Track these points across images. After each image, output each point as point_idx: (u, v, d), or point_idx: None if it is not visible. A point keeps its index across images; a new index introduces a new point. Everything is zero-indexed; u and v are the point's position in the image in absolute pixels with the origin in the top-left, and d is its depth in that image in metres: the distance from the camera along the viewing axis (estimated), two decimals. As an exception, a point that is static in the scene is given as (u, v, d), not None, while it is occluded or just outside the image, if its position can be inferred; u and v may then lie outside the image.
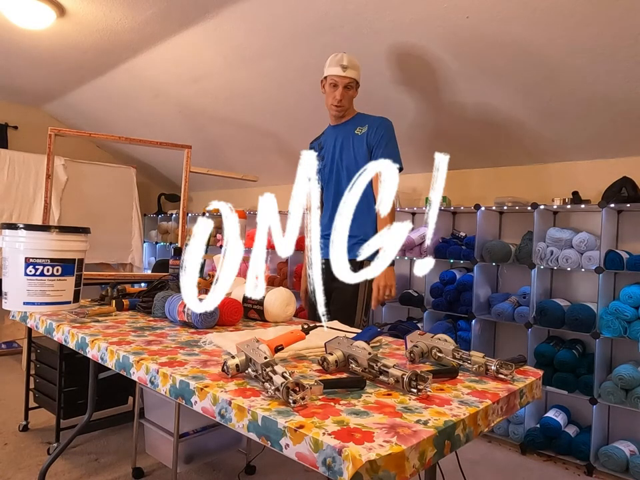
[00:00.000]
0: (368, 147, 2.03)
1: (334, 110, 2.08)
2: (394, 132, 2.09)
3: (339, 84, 2.02)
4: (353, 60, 2.06)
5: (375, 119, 2.09)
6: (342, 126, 2.14)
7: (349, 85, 2.03)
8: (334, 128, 2.17)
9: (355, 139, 2.08)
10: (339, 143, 2.12)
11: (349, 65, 2.02)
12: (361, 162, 2.00)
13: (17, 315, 1.63)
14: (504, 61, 2.31)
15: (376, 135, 2.03)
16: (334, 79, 2.02)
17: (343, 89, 2.02)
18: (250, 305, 1.62)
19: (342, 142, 2.11)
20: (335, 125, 2.16)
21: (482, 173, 3.18)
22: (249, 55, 2.94)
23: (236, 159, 4.42)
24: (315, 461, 0.69)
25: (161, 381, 1.00)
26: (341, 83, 2.02)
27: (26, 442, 2.51)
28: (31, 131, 4.76)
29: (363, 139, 2.05)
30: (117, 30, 2.94)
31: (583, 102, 2.39)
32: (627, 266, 2.35)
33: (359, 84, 2.09)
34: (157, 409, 2.16)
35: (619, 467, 2.32)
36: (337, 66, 2.02)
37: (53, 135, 2.62)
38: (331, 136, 2.17)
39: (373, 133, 2.04)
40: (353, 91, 2.07)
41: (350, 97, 2.07)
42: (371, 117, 2.11)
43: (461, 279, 2.95)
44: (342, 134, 2.12)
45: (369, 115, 2.13)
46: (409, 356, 1.12)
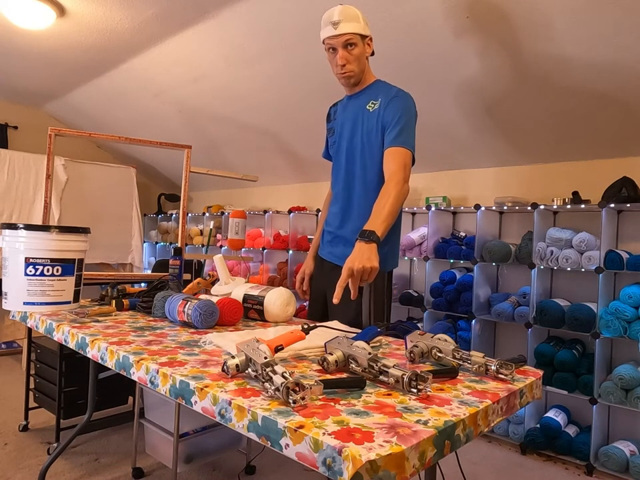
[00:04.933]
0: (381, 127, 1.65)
1: (342, 79, 1.70)
2: (413, 109, 1.66)
3: (336, 46, 1.63)
4: (347, 10, 1.62)
5: (389, 90, 1.68)
6: (355, 98, 1.75)
7: (349, 42, 1.62)
8: (348, 99, 1.79)
9: (365, 116, 1.69)
10: (350, 119, 1.75)
11: (341, 18, 1.60)
12: (374, 146, 1.66)
13: (17, 314, 1.63)
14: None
15: (387, 111, 1.63)
16: (329, 42, 1.64)
17: (343, 51, 1.63)
18: (250, 305, 1.62)
19: (353, 118, 1.73)
20: (349, 96, 1.78)
21: (482, 173, 3.19)
22: (248, 55, 2.94)
23: (236, 159, 4.42)
24: (315, 461, 0.69)
25: (160, 381, 1.00)
26: (338, 44, 1.62)
27: (26, 442, 2.51)
28: (31, 131, 4.76)
29: (374, 117, 1.66)
30: (117, 30, 2.94)
31: (584, 102, 2.40)
32: (627, 266, 2.35)
33: (366, 36, 1.66)
34: (157, 409, 2.16)
35: (619, 467, 2.32)
36: (328, 25, 1.63)
37: (53, 135, 2.62)
38: (345, 107, 1.80)
39: (384, 108, 1.64)
40: (358, 48, 1.64)
41: (357, 57, 1.64)
42: (386, 88, 1.69)
43: (461, 279, 2.95)
44: (353, 108, 1.75)
45: (386, 85, 1.71)
46: (408, 356, 1.12)
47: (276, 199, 4.55)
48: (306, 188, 4.28)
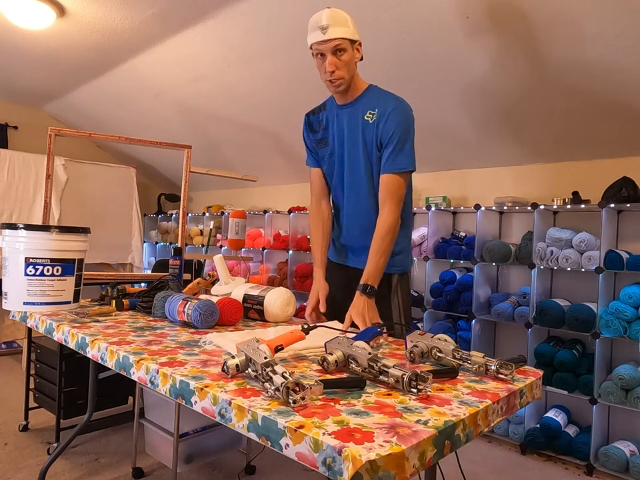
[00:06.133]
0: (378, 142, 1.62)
1: (330, 86, 1.62)
2: (411, 121, 1.62)
3: (325, 51, 1.55)
4: (336, 14, 1.54)
5: (388, 100, 1.61)
6: (349, 108, 1.67)
7: (338, 48, 1.53)
8: (340, 109, 1.70)
9: (365, 127, 1.63)
10: (346, 130, 1.68)
11: (330, 23, 1.51)
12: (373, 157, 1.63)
13: (17, 314, 1.63)
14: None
15: (387, 125, 1.58)
16: (317, 47, 1.56)
17: (332, 57, 1.54)
18: (250, 305, 1.62)
19: (351, 129, 1.67)
20: (341, 106, 1.69)
21: (482, 173, 3.19)
22: (248, 55, 2.94)
23: (236, 159, 4.42)
24: (315, 461, 0.69)
25: (161, 381, 1.00)
26: (327, 50, 1.54)
27: (26, 442, 2.51)
28: (31, 131, 4.76)
29: (373, 129, 1.61)
30: (117, 30, 2.94)
31: (584, 102, 2.39)
32: (627, 266, 2.35)
33: (356, 41, 1.59)
34: (157, 409, 2.16)
35: (619, 467, 2.32)
36: (315, 30, 1.54)
37: (53, 135, 2.62)
38: (337, 116, 1.71)
39: (384, 122, 1.58)
40: (347, 54, 1.56)
41: (346, 63, 1.57)
42: (383, 97, 1.63)
43: (461, 279, 2.95)
44: (348, 118, 1.68)
45: (383, 93, 1.65)
46: (409, 356, 1.12)
47: (276, 199, 4.55)
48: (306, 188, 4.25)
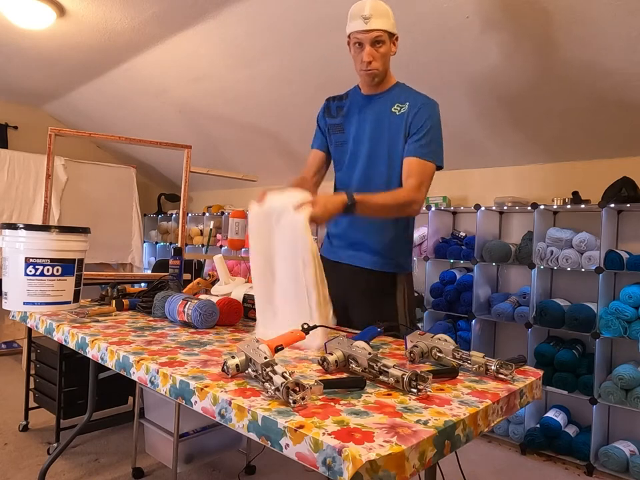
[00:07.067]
0: (406, 132, 1.60)
1: (365, 76, 1.62)
2: (439, 118, 1.64)
3: (364, 41, 1.55)
4: (378, 5, 1.55)
5: (417, 96, 1.64)
6: (377, 98, 1.67)
7: (378, 39, 1.54)
8: (366, 98, 1.69)
9: (392, 118, 1.62)
10: (371, 119, 1.66)
11: (372, 13, 1.52)
12: (397, 150, 1.61)
13: (17, 315, 1.63)
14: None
15: (417, 118, 1.58)
16: (357, 36, 1.56)
17: (370, 47, 1.55)
18: (250, 305, 1.62)
19: (375, 119, 1.65)
20: (368, 95, 1.69)
21: (482, 173, 3.18)
22: (249, 55, 2.94)
23: (236, 159, 4.42)
24: (315, 461, 0.69)
25: (160, 381, 1.00)
26: (366, 40, 1.54)
27: (26, 442, 2.51)
28: (31, 131, 4.76)
29: (401, 121, 1.60)
30: (117, 30, 2.94)
31: (584, 102, 2.39)
32: (627, 266, 2.35)
33: (394, 34, 1.60)
34: (157, 409, 2.16)
35: (619, 467, 2.32)
36: (357, 19, 1.54)
37: (53, 135, 2.62)
38: (361, 107, 1.70)
39: (414, 114, 1.59)
40: (385, 46, 1.57)
41: (382, 55, 1.58)
42: (413, 93, 1.65)
43: (461, 279, 2.95)
44: (375, 108, 1.66)
45: (411, 90, 1.67)
46: (409, 356, 1.12)
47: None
48: (306, 188, 4.27)
